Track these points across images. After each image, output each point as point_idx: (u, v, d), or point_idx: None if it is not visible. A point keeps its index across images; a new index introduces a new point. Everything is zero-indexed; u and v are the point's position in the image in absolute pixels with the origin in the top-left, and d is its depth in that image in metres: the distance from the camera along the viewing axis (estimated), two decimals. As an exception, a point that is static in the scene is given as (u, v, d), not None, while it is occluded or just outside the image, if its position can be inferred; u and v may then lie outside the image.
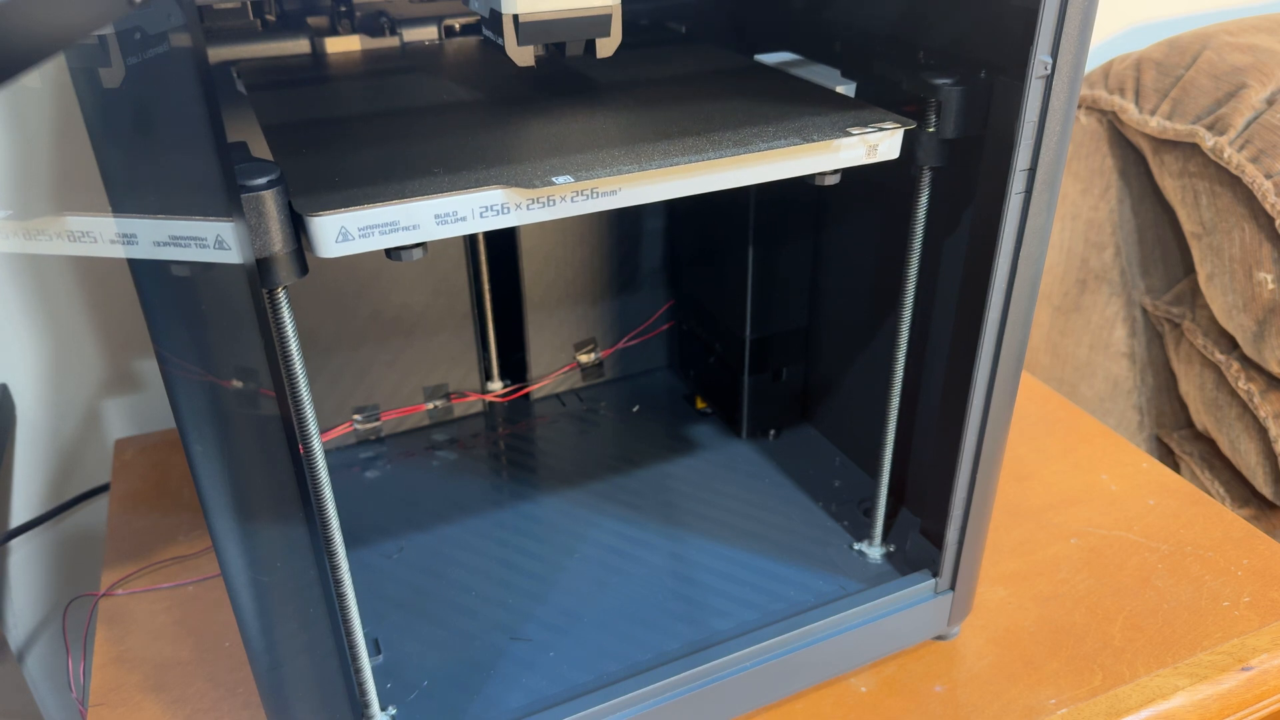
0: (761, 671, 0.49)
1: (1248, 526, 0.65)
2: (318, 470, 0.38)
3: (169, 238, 0.30)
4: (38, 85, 0.59)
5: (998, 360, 0.46)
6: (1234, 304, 0.93)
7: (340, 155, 0.38)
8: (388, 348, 0.67)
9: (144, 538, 0.66)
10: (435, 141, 0.39)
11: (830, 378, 0.66)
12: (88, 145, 0.30)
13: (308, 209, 0.32)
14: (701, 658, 0.48)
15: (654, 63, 0.52)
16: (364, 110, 0.44)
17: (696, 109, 0.43)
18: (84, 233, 0.31)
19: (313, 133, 0.41)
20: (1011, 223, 0.43)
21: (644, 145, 0.38)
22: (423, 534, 0.60)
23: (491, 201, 0.34)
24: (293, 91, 0.47)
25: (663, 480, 0.65)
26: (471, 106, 0.45)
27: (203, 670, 0.55)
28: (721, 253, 0.66)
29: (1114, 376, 1.16)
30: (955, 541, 0.52)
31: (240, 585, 0.37)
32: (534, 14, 0.38)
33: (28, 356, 0.74)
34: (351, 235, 0.33)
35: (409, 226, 0.33)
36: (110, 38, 0.28)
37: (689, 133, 0.39)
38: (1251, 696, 0.54)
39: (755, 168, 0.38)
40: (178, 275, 0.31)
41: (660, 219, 0.72)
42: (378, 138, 0.40)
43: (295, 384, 0.36)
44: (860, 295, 0.60)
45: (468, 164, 0.36)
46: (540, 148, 0.38)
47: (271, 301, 0.34)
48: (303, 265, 0.33)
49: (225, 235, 0.31)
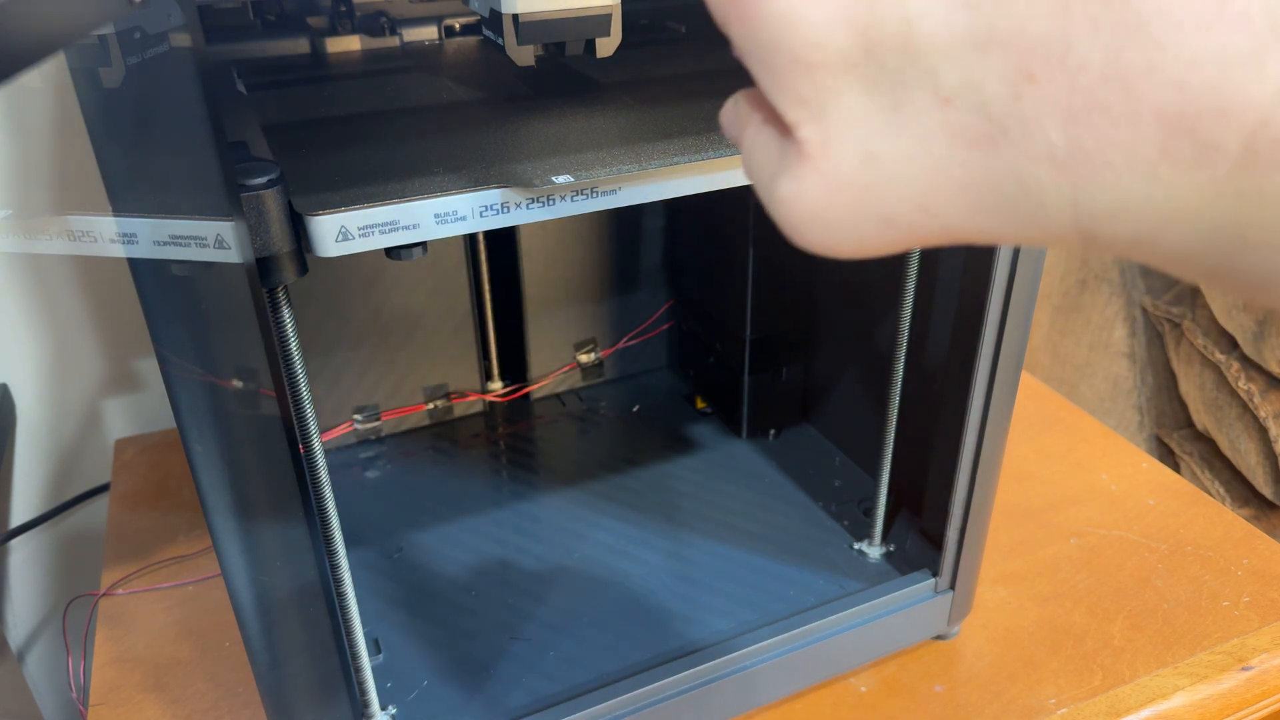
0: (761, 671, 0.49)
1: (1248, 526, 0.65)
2: (318, 470, 0.38)
3: (169, 237, 0.30)
4: (38, 85, 0.59)
5: (997, 360, 0.46)
6: (1234, 303, 0.93)
7: (340, 155, 0.38)
8: (388, 348, 0.67)
9: (144, 538, 0.66)
10: (435, 140, 0.39)
11: (830, 378, 0.66)
12: (88, 145, 0.30)
13: (307, 209, 0.32)
14: (701, 657, 0.48)
15: (654, 62, 0.52)
16: (364, 109, 0.44)
17: (696, 108, 0.43)
18: (84, 232, 0.31)
19: (313, 132, 0.41)
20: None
21: (644, 144, 0.38)
22: (423, 534, 0.60)
23: (491, 201, 0.34)
24: (293, 91, 0.47)
25: (663, 480, 0.65)
26: (471, 105, 0.45)
27: (203, 670, 0.55)
28: (722, 252, 0.66)
29: (1114, 376, 1.16)
30: (955, 541, 0.52)
31: (240, 585, 0.37)
32: (533, 13, 0.37)
33: (28, 356, 0.74)
34: (351, 235, 0.33)
35: (409, 226, 0.33)
36: (110, 37, 0.28)
37: (689, 132, 0.39)
38: (1251, 696, 0.54)
39: None
40: (178, 275, 0.31)
41: (660, 218, 0.72)
42: (378, 137, 0.40)
43: (295, 384, 0.36)
44: (860, 295, 0.60)
45: (468, 163, 0.36)
46: (540, 147, 0.38)
47: (272, 301, 0.34)
48: (303, 265, 0.33)
49: (225, 235, 0.31)
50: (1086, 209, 0.15)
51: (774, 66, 0.17)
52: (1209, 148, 0.13)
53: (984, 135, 0.15)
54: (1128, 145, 0.14)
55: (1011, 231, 0.16)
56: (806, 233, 0.18)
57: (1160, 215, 0.14)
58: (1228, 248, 0.14)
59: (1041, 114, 0.14)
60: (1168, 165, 0.14)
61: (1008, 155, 0.15)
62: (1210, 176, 0.14)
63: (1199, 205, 0.14)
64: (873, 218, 0.17)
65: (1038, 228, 0.16)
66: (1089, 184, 0.15)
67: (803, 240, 0.19)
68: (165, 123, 0.30)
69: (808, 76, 0.16)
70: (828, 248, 0.19)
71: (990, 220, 0.16)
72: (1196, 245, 0.15)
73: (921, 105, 0.16)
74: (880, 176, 0.17)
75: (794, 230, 0.19)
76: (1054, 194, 0.15)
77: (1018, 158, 0.15)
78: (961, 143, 0.15)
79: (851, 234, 0.18)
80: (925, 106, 0.16)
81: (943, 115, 0.15)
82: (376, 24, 0.54)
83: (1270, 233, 0.14)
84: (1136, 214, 0.14)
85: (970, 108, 0.15)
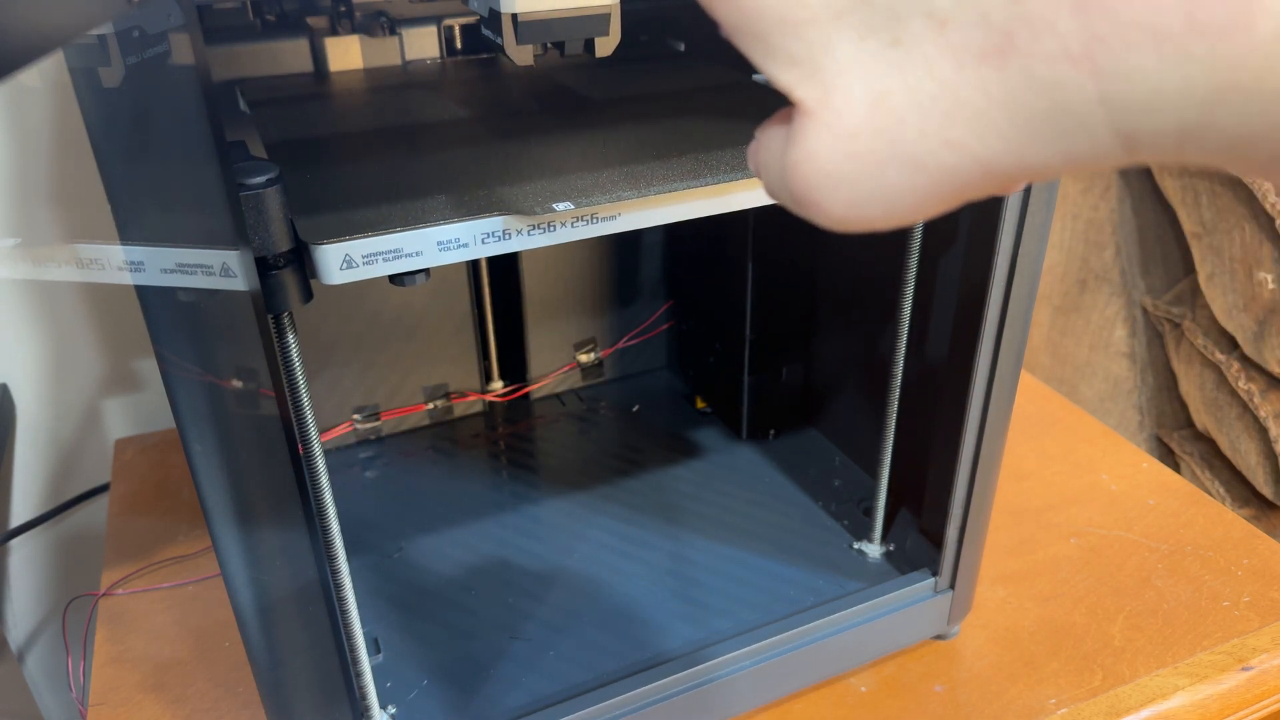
0: (761, 671, 0.49)
1: (1248, 526, 0.65)
2: (317, 470, 0.38)
3: (175, 265, 0.31)
4: (37, 84, 0.59)
5: (997, 360, 0.46)
6: (1234, 304, 0.93)
7: (343, 179, 0.39)
8: (388, 348, 0.67)
9: (144, 538, 0.66)
10: (436, 163, 0.40)
11: (830, 377, 0.66)
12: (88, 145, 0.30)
13: (313, 237, 0.33)
14: (701, 657, 0.48)
15: (652, 82, 0.52)
16: (366, 130, 0.45)
17: (695, 129, 0.43)
18: (92, 260, 0.32)
19: (315, 153, 0.42)
20: (1010, 221, 0.43)
21: (643, 168, 0.39)
22: (423, 534, 0.60)
23: (493, 228, 0.35)
24: (294, 110, 0.48)
25: (662, 480, 0.65)
26: (471, 126, 0.45)
27: (203, 670, 0.55)
28: (722, 252, 0.66)
29: (1114, 376, 1.16)
30: (955, 540, 0.52)
31: (240, 585, 0.38)
32: (533, 13, 0.37)
33: (28, 356, 0.74)
34: (356, 263, 0.33)
35: (412, 253, 0.34)
36: (109, 36, 0.28)
37: (688, 155, 0.40)
38: (1251, 696, 0.54)
39: (754, 191, 0.39)
40: (184, 300, 0.32)
41: (660, 219, 0.72)
42: (380, 161, 0.41)
43: (295, 384, 0.36)
44: (860, 294, 0.60)
45: (469, 188, 0.37)
46: (540, 169, 0.39)
47: (277, 327, 0.35)
48: (307, 292, 0.34)
49: (231, 263, 0.31)
50: (1119, 105, 0.13)
51: (761, 34, 0.16)
52: (1245, 4, 0.12)
53: (991, 47, 0.14)
54: (1147, 20, 0.12)
55: (1050, 154, 0.15)
56: (826, 197, 0.17)
57: (1202, 98, 0.13)
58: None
59: (1045, 7, 0.13)
60: (1197, 36, 0.12)
61: (1020, 63, 0.14)
62: (1252, 42, 0.12)
63: (1247, 82, 0.12)
64: (896, 164, 0.16)
65: (1075, 143, 0.14)
66: (1114, 75, 0.13)
67: (824, 210, 0.17)
68: (165, 122, 0.30)
69: (795, 35, 0.16)
70: (855, 212, 0.17)
71: (1024, 145, 0.15)
72: (1255, 130, 0.13)
73: (920, 34, 0.15)
74: (892, 116, 0.15)
75: (813, 198, 0.17)
76: (1078, 96, 0.14)
77: (1031, 63, 0.14)
78: (970, 61, 0.14)
79: (876, 189, 0.16)
80: (924, 34, 0.15)
81: (944, 38, 0.15)
82: (376, 24, 0.54)
83: None
84: (1175, 101, 0.13)
85: (970, 22, 0.14)
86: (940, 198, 0.16)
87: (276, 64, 0.53)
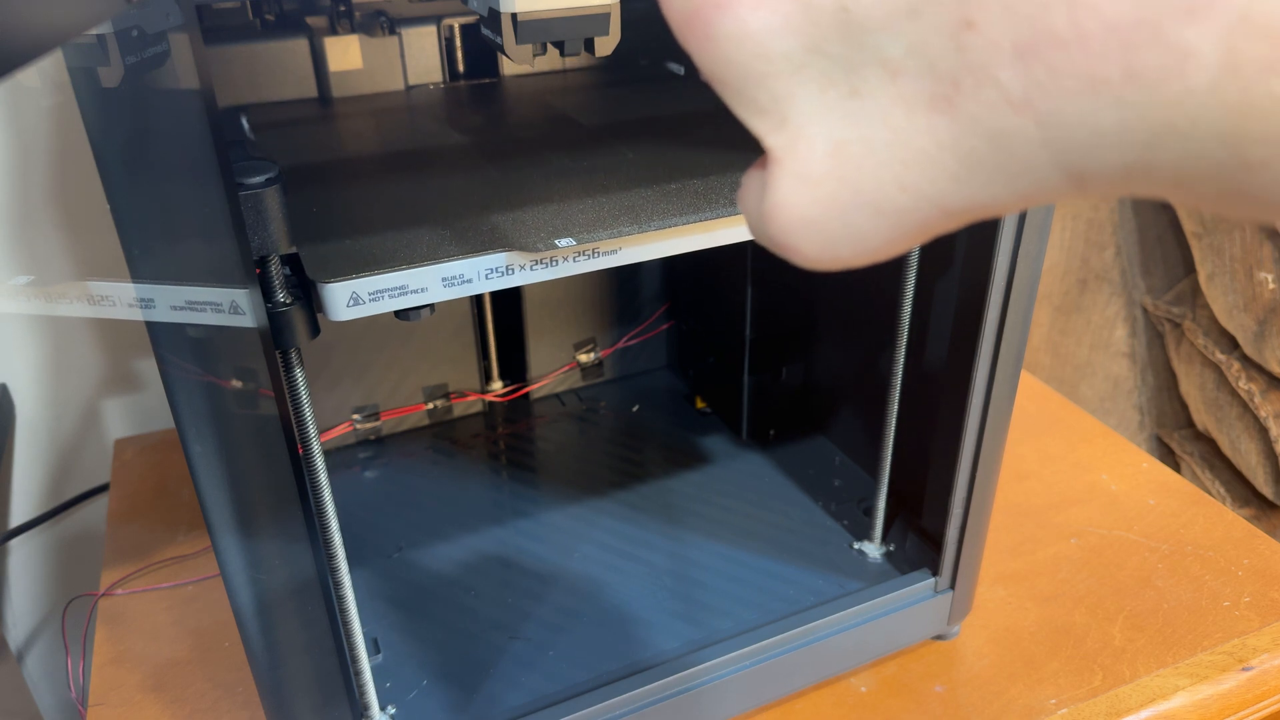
0: (761, 671, 0.49)
1: (1248, 526, 0.65)
2: (317, 470, 0.38)
3: (185, 302, 0.32)
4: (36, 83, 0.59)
5: (997, 360, 0.46)
6: (1234, 304, 0.93)
7: (347, 211, 0.40)
8: (387, 347, 0.67)
9: (144, 537, 0.66)
10: (439, 193, 0.41)
11: (830, 378, 0.66)
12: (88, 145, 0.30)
13: (321, 276, 0.33)
14: (701, 657, 0.48)
15: (652, 107, 0.53)
16: (368, 157, 0.46)
17: (694, 158, 0.44)
18: (104, 297, 0.32)
19: (321, 185, 0.42)
20: (1011, 221, 0.43)
21: (643, 201, 0.39)
22: (423, 534, 0.60)
23: (496, 264, 0.36)
24: (298, 136, 0.49)
25: (662, 480, 0.65)
26: (474, 155, 0.46)
27: (203, 670, 0.55)
28: (722, 252, 0.66)
29: (1114, 376, 1.16)
30: (955, 540, 0.52)
31: (240, 585, 0.37)
32: (532, 12, 0.37)
33: (28, 356, 0.74)
34: (362, 300, 0.34)
35: (417, 290, 0.35)
36: (109, 36, 0.28)
37: (687, 186, 0.41)
38: (1251, 696, 0.54)
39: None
40: (193, 336, 0.33)
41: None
42: (383, 191, 0.42)
43: (295, 384, 0.36)
44: (860, 295, 0.60)
45: (473, 223, 0.38)
46: (542, 202, 0.40)
47: (284, 361, 0.35)
48: (315, 327, 0.35)
49: (240, 301, 0.32)
50: (1060, 147, 0.14)
51: (732, 84, 0.17)
52: (1179, 56, 0.12)
53: (938, 96, 0.15)
54: (1086, 69, 0.13)
55: (1002, 194, 0.15)
56: (800, 241, 0.18)
57: (1143, 140, 0.13)
58: (1232, 168, 0.13)
59: (987, 58, 0.14)
60: (1133, 84, 0.13)
61: (966, 110, 0.14)
62: (1186, 89, 0.12)
63: (1183, 126, 0.13)
64: (858, 208, 0.17)
65: (1025, 182, 0.15)
66: (1053, 121, 0.14)
67: (800, 253, 0.18)
68: (164, 121, 0.30)
69: (761, 87, 0.17)
70: (828, 253, 0.18)
71: (975, 187, 0.15)
72: (1196, 169, 0.13)
73: (875, 84, 0.15)
74: (850, 164, 0.16)
75: (788, 243, 0.18)
76: (1021, 140, 0.14)
77: (976, 110, 0.14)
78: (920, 109, 0.15)
79: (844, 232, 0.17)
80: (878, 84, 0.15)
81: (895, 87, 0.15)
82: (376, 23, 0.54)
83: (1273, 149, 0.12)
84: (1116, 143, 0.13)
85: (919, 72, 0.15)
86: (905, 236, 0.17)
87: (276, 64, 0.53)
